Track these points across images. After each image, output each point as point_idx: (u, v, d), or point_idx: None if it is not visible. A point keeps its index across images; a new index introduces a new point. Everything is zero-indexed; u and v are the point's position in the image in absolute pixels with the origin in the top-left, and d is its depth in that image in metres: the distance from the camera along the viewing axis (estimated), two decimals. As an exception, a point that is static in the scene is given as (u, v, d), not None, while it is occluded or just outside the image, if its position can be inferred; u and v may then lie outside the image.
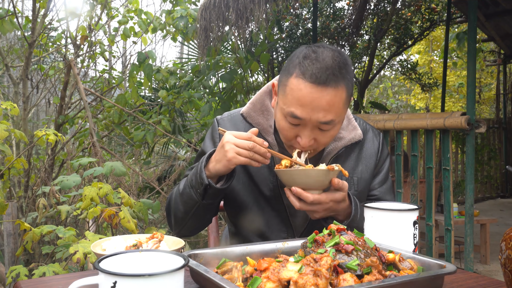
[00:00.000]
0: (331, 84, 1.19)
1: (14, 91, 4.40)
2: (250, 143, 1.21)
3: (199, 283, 0.93)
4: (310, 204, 1.22)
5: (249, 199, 1.42)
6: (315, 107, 1.20)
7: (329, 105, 1.20)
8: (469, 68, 3.48)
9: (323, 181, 1.21)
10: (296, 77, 1.21)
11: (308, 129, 1.24)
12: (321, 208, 1.24)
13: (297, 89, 1.21)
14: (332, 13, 7.14)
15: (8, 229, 2.69)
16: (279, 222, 1.43)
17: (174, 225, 1.44)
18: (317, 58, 1.21)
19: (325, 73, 1.19)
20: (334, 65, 1.20)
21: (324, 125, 1.23)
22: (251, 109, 1.44)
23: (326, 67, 1.19)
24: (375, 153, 1.48)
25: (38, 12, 3.88)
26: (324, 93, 1.19)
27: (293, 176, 1.21)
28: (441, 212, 4.35)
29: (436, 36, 11.65)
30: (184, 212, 1.36)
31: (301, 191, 1.20)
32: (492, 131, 8.09)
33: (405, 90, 14.45)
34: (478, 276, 1.03)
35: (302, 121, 1.23)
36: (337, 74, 1.20)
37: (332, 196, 1.24)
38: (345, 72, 1.22)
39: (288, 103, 1.23)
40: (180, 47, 12.84)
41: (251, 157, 1.22)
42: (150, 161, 5.81)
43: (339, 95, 1.21)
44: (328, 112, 1.21)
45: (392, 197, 1.52)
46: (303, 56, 1.23)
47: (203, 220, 1.41)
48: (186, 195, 1.34)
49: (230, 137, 1.23)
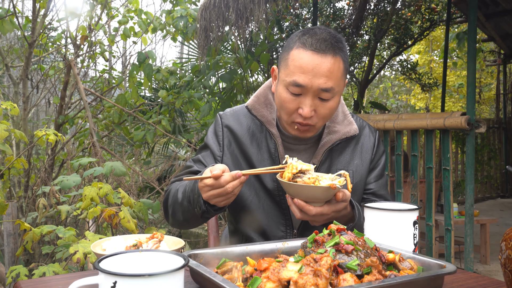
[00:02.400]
0: (330, 52, 1.29)
1: (14, 91, 4.40)
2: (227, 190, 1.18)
3: (199, 283, 0.93)
4: (312, 216, 1.23)
5: (250, 191, 1.45)
6: (316, 73, 1.28)
7: (330, 72, 1.28)
8: (469, 68, 3.48)
9: (327, 197, 1.22)
10: (297, 48, 1.31)
11: (309, 98, 1.30)
12: (322, 219, 1.25)
13: (298, 58, 1.29)
14: (332, 13, 7.13)
15: (8, 229, 2.69)
16: (279, 214, 1.45)
17: (171, 222, 1.48)
18: (315, 32, 1.32)
19: (324, 43, 1.29)
20: (331, 38, 1.31)
21: (325, 93, 1.29)
22: (255, 102, 1.48)
23: (324, 39, 1.30)
24: (371, 149, 1.51)
25: (38, 12, 3.88)
26: (324, 59, 1.28)
27: (297, 190, 1.21)
28: (441, 212, 4.35)
29: (436, 36, 11.64)
30: (184, 220, 1.40)
31: (304, 204, 1.21)
32: (492, 131, 8.08)
33: (405, 90, 14.45)
34: (478, 276, 1.03)
35: (303, 89, 1.29)
36: (334, 45, 1.30)
37: (335, 207, 1.25)
38: (342, 46, 1.33)
39: (290, 73, 1.30)
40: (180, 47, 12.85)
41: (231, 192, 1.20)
42: (150, 161, 5.81)
43: (337, 64, 1.30)
44: (328, 78, 1.28)
45: (387, 192, 1.55)
46: (301, 33, 1.34)
47: (202, 223, 1.44)
48: (185, 207, 1.35)
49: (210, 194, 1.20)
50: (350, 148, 1.48)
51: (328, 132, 1.46)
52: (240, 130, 1.47)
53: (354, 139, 1.49)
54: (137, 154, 5.50)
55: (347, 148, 1.48)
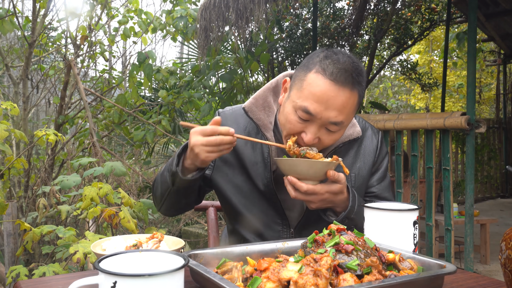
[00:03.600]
0: (348, 85, 1.23)
1: (14, 91, 4.40)
2: (216, 139, 1.22)
3: (199, 283, 0.93)
4: (304, 193, 1.24)
5: (243, 193, 1.44)
6: (330, 105, 1.23)
7: (343, 106, 1.24)
8: (469, 68, 3.48)
9: (318, 172, 1.23)
10: (316, 73, 1.24)
11: (315, 127, 1.26)
12: (317, 199, 1.26)
13: (315, 84, 1.23)
14: (332, 13, 7.13)
15: (8, 229, 2.69)
16: (274, 214, 1.44)
17: (155, 201, 1.50)
18: (338, 60, 1.26)
19: (344, 74, 1.23)
20: (353, 70, 1.25)
21: (333, 125, 1.26)
22: (253, 104, 1.46)
23: (346, 69, 1.24)
24: (374, 151, 1.49)
25: (38, 12, 3.88)
26: (341, 92, 1.23)
27: (289, 165, 1.24)
28: (441, 212, 4.35)
29: (436, 36, 11.64)
30: (160, 194, 1.42)
31: (296, 181, 1.23)
32: (492, 131, 8.08)
33: (405, 90, 14.45)
34: (478, 276, 1.03)
35: (312, 118, 1.25)
36: (355, 77, 1.24)
37: (328, 187, 1.25)
38: (361, 79, 1.28)
39: (303, 97, 1.25)
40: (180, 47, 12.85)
41: (220, 150, 1.24)
42: (150, 161, 5.81)
43: (353, 99, 1.25)
44: (340, 112, 1.24)
45: (390, 194, 1.53)
46: (324, 56, 1.27)
47: (178, 204, 1.45)
48: (163, 177, 1.38)
49: (196, 139, 1.24)
50: (353, 151, 1.46)
51: None
52: (236, 130, 1.46)
53: (357, 141, 1.47)
54: (137, 154, 5.50)
55: (350, 151, 1.46)
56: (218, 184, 1.46)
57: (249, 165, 1.43)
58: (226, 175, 1.45)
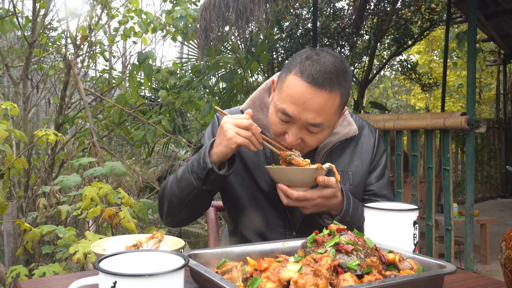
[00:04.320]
0: (326, 87, 1.22)
1: (14, 91, 4.40)
2: (248, 121, 1.25)
3: (199, 283, 0.93)
4: (296, 200, 1.25)
5: (247, 194, 1.44)
6: (307, 107, 1.22)
7: (321, 108, 1.23)
8: (469, 68, 3.48)
9: (307, 179, 1.25)
10: (294, 75, 1.24)
11: (296, 128, 1.27)
12: (309, 204, 1.27)
13: (292, 87, 1.24)
14: (332, 13, 7.14)
15: (8, 229, 2.69)
16: (277, 216, 1.44)
17: (166, 212, 1.42)
18: (318, 60, 1.24)
19: (323, 76, 1.21)
20: (333, 70, 1.23)
21: (312, 127, 1.26)
22: (250, 105, 1.46)
23: (325, 70, 1.22)
24: (371, 149, 1.49)
25: (38, 12, 3.88)
26: (317, 94, 1.22)
27: (279, 173, 1.26)
28: (441, 212, 4.35)
29: (436, 36, 11.64)
30: (180, 199, 1.36)
31: (286, 188, 1.25)
32: (492, 131, 8.08)
33: (405, 90, 14.45)
34: (478, 276, 1.03)
35: (291, 119, 1.26)
36: (334, 79, 1.23)
37: (320, 193, 1.26)
38: (342, 80, 1.25)
39: (282, 99, 1.26)
40: (180, 47, 12.85)
41: (249, 137, 1.24)
42: (150, 161, 5.81)
43: (332, 100, 1.24)
44: (318, 114, 1.23)
45: (389, 191, 1.53)
46: (305, 57, 1.26)
47: (197, 208, 1.41)
48: (185, 180, 1.33)
49: (229, 118, 1.27)
50: (350, 149, 1.47)
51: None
52: None
53: (354, 139, 1.48)
54: (137, 154, 5.50)
55: (346, 149, 1.46)
56: (224, 185, 1.46)
57: (252, 167, 1.43)
58: (231, 177, 1.44)
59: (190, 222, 1.49)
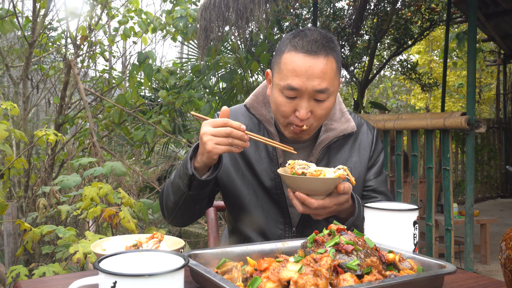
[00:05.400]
0: (322, 53, 1.29)
1: (14, 91, 4.40)
2: (226, 129, 1.21)
3: (199, 283, 0.93)
4: (314, 209, 1.23)
5: (248, 190, 1.44)
6: (310, 75, 1.27)
7: (323, 73, 1.28)
8: (469, 68, 3.48)
9: (328, 189, 1.22)
10: (289, 52, 1.30)
11: (305, 100, 1.29)
12: (325, 212, 1.25)
13: (291, 62, 1.29)
14: (332, 13, 7.14)
15: (8, 229, 2.69)
16: (277, 212, 1.45)
17: (166, 214, 1.46)
18: (306, 34, 1.32)
19: (315, 45, 1.29)
20: (322, 39, 1.31)
21: (320, 94, 1.29)
22: (254, 100, 1.49)
23: (315, 40, 1.30)
24: (369, 145, 1.51)
25: (38, 12, 3.88)
26: (316, 61, 1.28)
27: (297, 183, 1.20)
28: (441, 212, 4.35)
29: (436, 36, 11.64)
30: (174, 202, 1.38)
31: (305, 197, 1.21)
32: (492, 131, 8.08)
33: (405, 90, 14.45)
34: (478, 276, 1.03)
35: (298, 92, 1.29)
36: (325, 45, 1.30)
37: (336, 200, 1.25)
38: (333, 45, 1.32)
39: (284, 77, 1.29)
40: (180, 47, 12.85)
41: (230, 144, 1.22)
42: (150, 161, 5.82)
43: (329, 64, 1.29)
44: (322, 79, 1.28)
45: (387, 188, 1.55)
46: (292, 35, 1.34)
47: (192, 211, 1.41)
48: (175, 185, 1.35)
49: (207, 129, 1.23)
50: (348, 146, 1.48)
51: (325, 129, 1.46)
52: None
53: (352, 136, 1.50)
54: (137, 154, 5.50)
55: (345, 146, 1.48)
56: (224, 182, 1.46)
57: (254, 162, 1.44)
58: (232, 173, 1.45)
59: (191, 222, 1.50)
